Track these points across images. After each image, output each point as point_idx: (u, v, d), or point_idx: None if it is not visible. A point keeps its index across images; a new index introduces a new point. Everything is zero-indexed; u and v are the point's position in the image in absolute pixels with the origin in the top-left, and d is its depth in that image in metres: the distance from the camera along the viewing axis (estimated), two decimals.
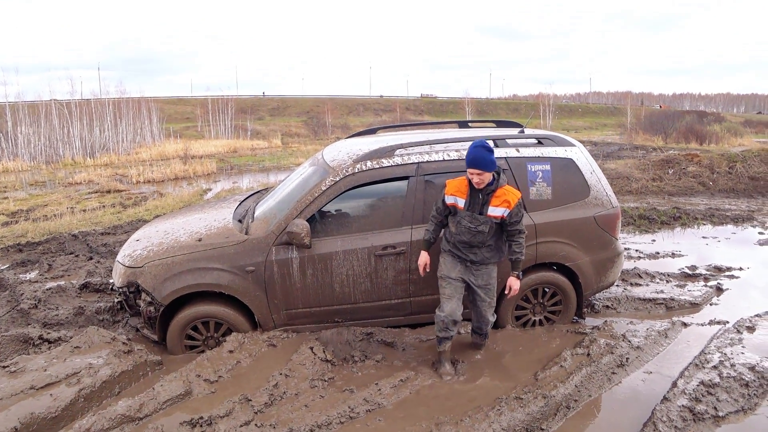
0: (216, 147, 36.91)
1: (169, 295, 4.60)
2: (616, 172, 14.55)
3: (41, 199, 16.77)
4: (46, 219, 12.44)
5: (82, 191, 18.26)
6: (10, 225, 12.22)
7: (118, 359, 4.38)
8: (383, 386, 4.10)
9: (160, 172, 21.47)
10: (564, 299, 5.22)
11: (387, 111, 71.63)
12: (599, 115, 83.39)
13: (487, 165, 4.14)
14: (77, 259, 8.23)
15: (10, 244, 9.96)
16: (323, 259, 4.68)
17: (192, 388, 4.12)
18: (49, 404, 3.77)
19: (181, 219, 5.61)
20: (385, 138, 5.58)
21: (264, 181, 18.60)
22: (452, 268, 4.44)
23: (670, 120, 37.22)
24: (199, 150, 33.08)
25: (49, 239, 10.08)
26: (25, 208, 14.61)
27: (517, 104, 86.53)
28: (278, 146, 40.05)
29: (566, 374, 4.33)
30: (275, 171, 22.07)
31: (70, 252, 8.80)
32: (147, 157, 31.76)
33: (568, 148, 5.22)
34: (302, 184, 5.09)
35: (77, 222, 11.91)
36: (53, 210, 13.86)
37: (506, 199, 4.22)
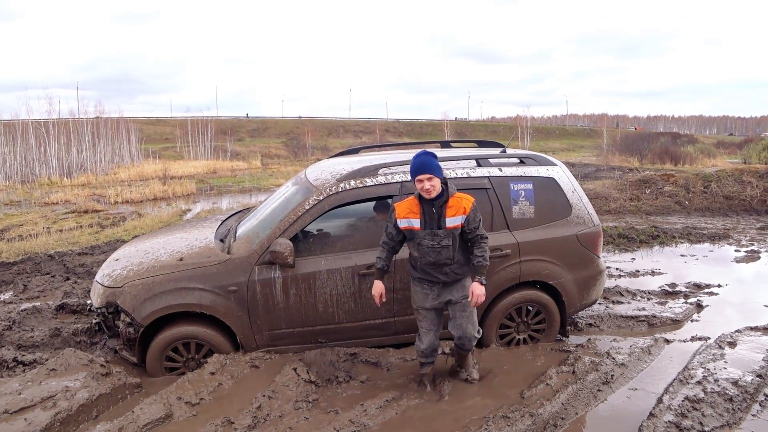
0: (195, 168, 36.70)
1: (149, 315, 4.52)
2: (595, 192, 14.71)
3: (16, 218, 16.47)
4: (22, 239, 12.22)
5: (58, 211, 17.99)
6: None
7: (96, 382, 4.27)
8: (368, 407, 4.05)
9: (139, 193, 21.26)
10: (548, 317, 5.22)
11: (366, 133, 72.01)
12: (576, 137, 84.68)
13: (435, 169, 4.01)
14: (53, 280, 8.07)
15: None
16: (306, 278, 4.64)
17: (173, 411, 4.03)
18: (23, 429, 3.66)
19: (161, 238, 5.53)
20: (369, 158, 5.59)
21: (244, 202, 18.51)
22: (424, 298, 4.27)
23: (645, 141, 37.89)
24: (178, 171, 32.86)
25: (25, 259, 9.89)
26: (0, 228, 14.34)
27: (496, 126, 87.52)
28: (258, 167, 39.93)
29: (552, 392, 4.31)
30: (255, 192, 21.97)
31: (46, 272, 8.63)
32: (125, 178, 31.44)
33: (550, 167, 5.27)
34: (285, 204, 5.05)
35: (53, 242, 11.71)
36: (29, 230, 13.61)
37: (462, 206, 4.07)
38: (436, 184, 4.04)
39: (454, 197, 4.11)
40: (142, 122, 57.07)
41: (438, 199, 4.09)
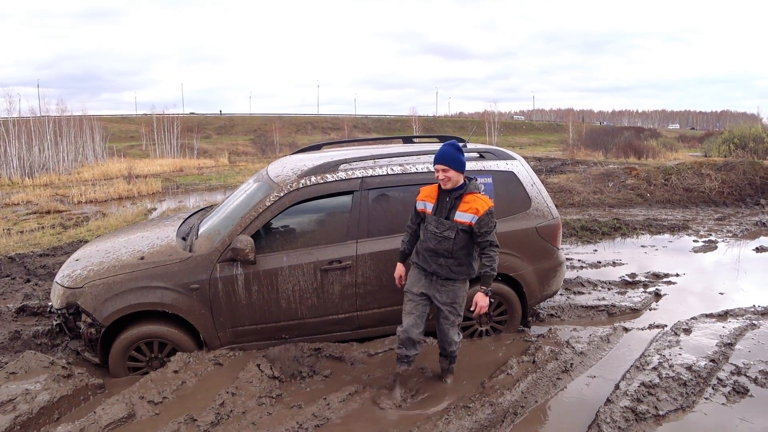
0: (161, 166, 36.21)
1: (111, 315, 4.48)
2: (559, 186, 14.94)
3: None
4: None
5: (19, 212, 17.60)
6: None
7: (57, 384, 4.23)
8: (332, 401, 4.08)
9: (103, 192, 20.91)
10: (509, 309, 5.32)
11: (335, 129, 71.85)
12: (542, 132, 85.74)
13: (454, 162, 4.03)
14: (14, 282, 7.91)
15: None
16: (269, 275, 4.65)
17: (135, 411, 4.01)
18: None
19: (122, 238, 5.48)
20: (330, 153, 5.61)
21: (211, 199, 18.34)
22: (415, 282, 4.28)
23: (609, 136, 38.55)
24: (143, 169, 32.38)
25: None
26: None
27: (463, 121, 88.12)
28: (225, 165, 39.56)
29: (512, 381, 4.41)
30: (222, 190, 21.78)
31: (6, 275, 8.45)
32: (89, 177, 30.86)
33: (509, 161, 5.35)
34: (246, 201, 5.05)
35: (14, 244, 11.47)
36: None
37: (475, 207, 4.03)
38: (452, 176, 4.06)
39: (473, 195, 4.10)
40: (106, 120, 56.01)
41: (454, 191, 4.12)
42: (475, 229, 4.05)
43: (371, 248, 4.80)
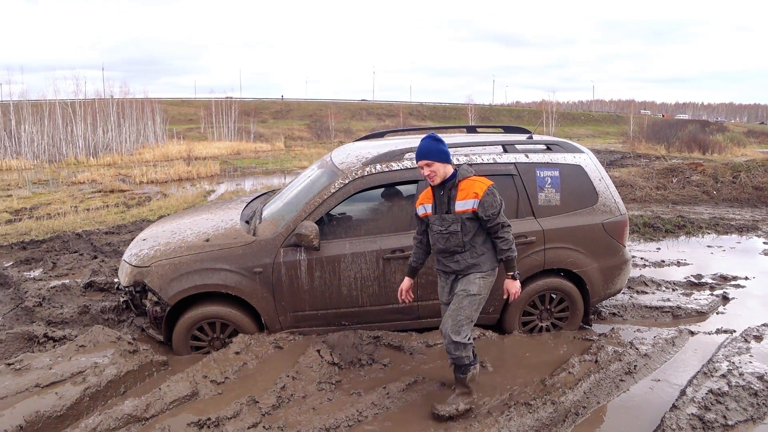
0: (219, 149, 36.95)
1: (176, 295, 4.59)
2: (620, 180, 14.54)
3: (45, 197, 16.76)
4: (50, 217, 12.43)
5: (85, 190, 18.26)
6: (13, 223, 12.21)
7: (123, 359, 4.36)
8: (391, 390, 4.08)
9: (164, 173, 21.48)
10: (571, 306, 5.20)
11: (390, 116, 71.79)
12: (601, 123, 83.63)
13: (435, 154, 3.71)
14: (81, 258, 8.21)
15: (14, 241, 9.94)
16: (331, 261, 4.67)
17: (198, 389, 4.10)
18: (54, 403, 3.75)
19: (187, 219, 5.60)
20: (394, 141, 5.58)
21: (267, 183, 18.62)
22: (441, 291, 4.07)
23: (673, 129, 37.26)
24: (202, 152, 33.11)
25: (53, 237, 10.07)
26: (29, 206, 14.60)
27: (520, 111, 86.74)
28: (281, 149, 40.09)
29: (574, 380, 4.31)
30: (278, 174, 22.08)
31: (75, 251, 8.78)
32: (150, 158, 31.76)
33: (577, 154, 5.22)
34: (310, 187, 5.07)
35: (81, 221, 11.90)
36: (57, 208, 13.84)
37: (473, 191, 3.72)
38: (437, 169, 3.75)
39: (467, 180, 3.79)
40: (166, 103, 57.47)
41: (447, 183, 3.81)
42: (480, 213, 3.72)
43: None
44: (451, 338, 3.78)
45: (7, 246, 9.59)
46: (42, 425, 3.61)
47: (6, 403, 3.75)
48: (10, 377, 4.08)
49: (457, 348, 3.78)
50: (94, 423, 3.63)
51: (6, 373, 4.16)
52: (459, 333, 3.77)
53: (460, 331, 3.78)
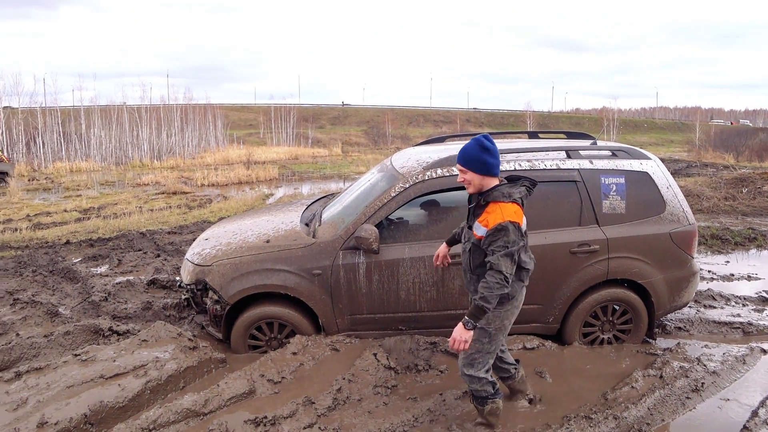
0: (277, 153, 37.65)
1: (236, 294, 4.66)
2: (686, 189, 14.02)
3: (111, 197, 17.40)
4: (116, 217, 12.89)
5: (149, 192, 18.86)
6: (82, 221, 12.72)
7: (183, 354, 4.46)
8: (447, 397, 4.02)
9: (224, 176, 21.99)
10: (635, 318, 5.02)
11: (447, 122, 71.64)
12: (665, 131, 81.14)
13: (473, 163, 3.34)
14: (145, 256, 8.47)
15: (83, 239, 10.35)
16: (390, 265, 4.65)
17: (255, 388, 4.15)
18: (117, 394, 3.87)
19: (248, 220, 5.69)
20: (455, 146, 5.52)
21: (324, 188, 18.81)
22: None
23: (742, 137, 35.81)
24: (261, 156, 33.78)
25: (119, 236, 10.43)
26: (96, 206, 15.19)
27: (580, 118, 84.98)
28: (338, 155, 40.54)
29: (638, 396, 4.15)
30: (336, 179, 22.30)
31: (139, 249, 9.06)
32: (211, 162, 32.59)
33: (644, 161, 5.05)
34: (370, 190, 5.08)
35: (145, 221, 12.29)
36: (122, 208, 14.34)
37: (488, 219, 3.30)
38: (472, 179, 3.39)
39: (495, 204, 3.32)
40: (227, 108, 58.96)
41: (480, 197, 3.42)
42: (483, 244, 3.35)
43: None
44: (462, 371, 3.58)
45: (76, 243, 9.99)
46: (105, 415, 3.73)
47: (72, 392, 3.89)
48: (76, 367, 4.24)
49: (471, 381, 3.58)
50: (155, 415, 3.71)
51: (73, 363, 4.33)
52: (471, 366, 3.55)
53: (472, 364, 3.55)
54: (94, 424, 3.66)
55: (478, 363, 3.54)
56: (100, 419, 3.70)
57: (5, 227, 12.26)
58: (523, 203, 3.44)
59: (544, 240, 4.73)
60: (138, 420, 3.68)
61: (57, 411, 3.65)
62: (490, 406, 3.65)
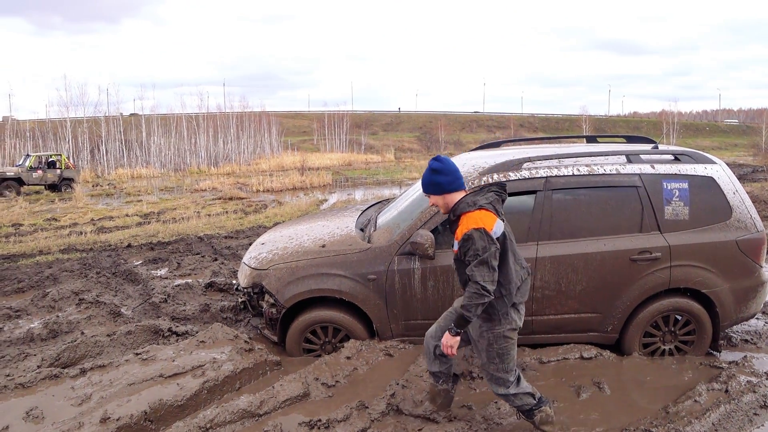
0: (331, 160, 38.04)
1: (292, 298, 4.71)
2: (752, 195, 13.45)
3: (170, 203, 17.91)
4: (175, 221, 13.26)
5: (206, 197, 19.34)
6: (143, 225, 13.14)
7: (240, 356, 4.54)
8: (503, 406, 3.95)
9: (279, 182, 22.38)
10: (698, 329, 4.84)
11: (500, 128, 70.98)
12: (729, 134, 78.32)
13: (429, 188, 3.45)
14: (203, 260, 8.67)
15: (143, 242, 10.70)
16: (445, 271, 4.61)
17: (310, 391, 4.18)
18: (175, 392, 3.97)
19: (304, 225, 5.75)
20: (511, 151, 5.46)
21: (378, 194, 18.89)
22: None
23: None
24: (315, 162, 34.19)
25: (178, 240, 10.73)
26: (156, 211, 15.67)
27: (638, 122, 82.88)
28: (391, 161, 40.68)
29: (701, 410, 3.98)
30: (389, 185, 22.36)
31: (197, 252, 9.29)
32: (266, 168, 33.20)
33: (709, 165, 4.87)
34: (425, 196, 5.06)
35: (202, 225, 12.59)
36: (181, 213, 14.74)
37: (460, 230, 3.30)
38: (436, 201, 3.48)
39: (465, 216, 3.32)
40: (281, 116, 59.96)
41: (452, 214, 3.46)
42: (460, 258, 3.37)
43: (552, 251, 4.60)
44: (495, 392, 3.59)
45: (137, 246, 10.32)
46: (164, 413, 3.82)
47: (133, 390, 4.02)
48: (137, 366, 4.37)
49: (507, 399, 3.59)
50: (212, 415, 3.78)
51: (134, 362, 4.46)
52: (498, 386, 3.55)
53: (498, 384, 3.54)
54: (153, 421, 3.76)
55: (501, 381, 3.53)
56: (159, 417, 3.80)
57: (71, 230, 12.80)
58: (496, 209, 3.42)
59: (603, 247, 4.62)
60: (195, 419, 3.76)
61: (119, 407, 3.77)
62: (539, 416, 3.59)
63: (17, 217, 16.16)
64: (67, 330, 5.79)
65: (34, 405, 3.86)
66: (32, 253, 10.37)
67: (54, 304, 6.67)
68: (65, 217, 15.66)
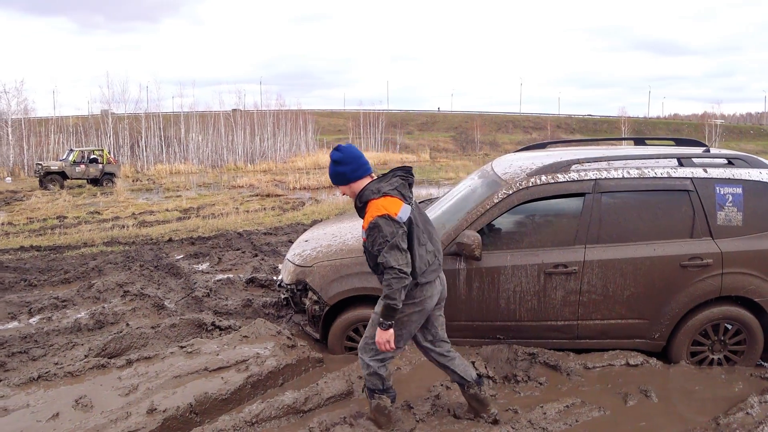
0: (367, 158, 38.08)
1: (336, 296, 4.72)
2: None
3: (209, 198, 18.17)
4: (214, 217, 13.45)
5: (244, 194, 19.56)
6: (183, 220, 13.36)
7: (282, 352, 4.57)
8: (549, 411, 3.90)
9: (315, 180, 22.53)
10: (749, 339, 4.70)
11: (537, 129, 70.26)
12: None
13: (334, 178, 3.51)
14: (243, 255, 8.77)
15: (184, 237, 10.87)
16: (490, 272, 4.57)
17: (354, 389, 4.18)
18: (220, 386, 4.01)
19: (347, 223, 5.76)
20: (558, 153, 5.39)
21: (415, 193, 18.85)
22: None
23: None
24: None
25: (218, 235, 10.88)
26: (195, 206, 15.91)
27: (679, 124, 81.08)
28: (426, 160, 40.65)
29: (754, 423, 3.86)
30: (426, 184, 22.31)
31: (237, 248, 9.40)
32: (302, 166, 33.46)
33: (764, 170, 4.72)
34: (471, 196, 5.02)
35: (241, 221, 12.75)
36: (220, 209, 14.94)
37: (366, 219, 3.34)
38: (345, 191, 3.53)
39: (370, 203, 3.35)
40: (317, 114, 60.31)
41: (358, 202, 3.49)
42: (368, 247, 3.38)
43: (601, 255, 4.52)
44: (359, 354, 3.67)
45: (178, 240, 10.50)
46: (209, 406, 3.87)
47: (179, 382, 4.08)
48: (182, 359, 4.44)
49: (362, 366, 3.64)
50: (258, 410, 3.81)
51: (179, 354, 4.53)
52: (365, 352, 3.61)
53: (366, 350, 3.61)
54: (198, 413, 3.81)
55: (368, 349, 3.60)
56: (204, 410, 3.84)
57: (114, 224, 13.09)
58: (402, 193, 3.41)
59: (652, 252, 4.52)
60: (241, 413, 3.79)
61: (164, 399, 3.83)
62: (376, 402, 3.65)
63: (62, 209, 16.60)
64: (113, 321, 5.90)
65: (83, 393, 3.93)
66: (77, 244, 10.64)
67: (99, 295, 6.81)
68: (107, 210, 16.02)
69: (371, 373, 3.60)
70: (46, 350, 5.16)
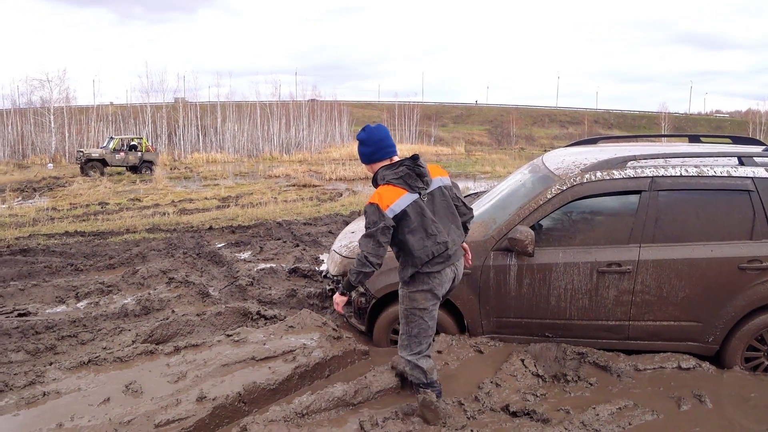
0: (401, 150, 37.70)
1: (383, 289, 4.69)
2: None
3: (246, 187, 18.32)
4: (253, 206, 13.55)
5: (281, 183, 19.68)
6: (222, 209, 13.49)
7: (329, 343, 4.57)
8: (601, 412, 3.82)
9: (351, 171, 22.52)
10: None
11: (574, 123, 69.24)
12: None
13: (360, 156, 3.73)
14: (284, 245, 8.82)
15: (224, 225, 10.98)
16: (542, 269, 4.50)
17: (402, 383, 4.15)
18: (268, 376, 4.04)
19: None
20: (612, 149, 5.27)
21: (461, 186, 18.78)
22: None
23: None
24: None
25: (257, 224, 10.96)
26: (234, 195, 16.04)
27: (720, 121, 79.10)
28: (461, 153, 40.36)
29: None
30: (461, 178, 22.15)
31: (278, 238, 9.46)
32: (337, 157, 33.52)
33: None
34: (522, 191, 4.94)
35: (280, 211, 12.82)
36: (258, 198, 15.06)
37: None
38: (369, 170, 3.76)
39: (377, 189, 3.61)
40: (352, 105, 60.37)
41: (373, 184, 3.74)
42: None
43: (656, 255, 4.41)
44: (399, 353, 3.84)
45: (218, 229, 10.61)
46: (257, 395, 3.90)
47: (227, 370, 4.11)
48: (229, 347, 4.47)
49: (405, 363, 3.82)
50: (308, 401, 3.81)
51: (226, 343, 4.57)
52: (403, 349, 3.79)
53: (403, 347, 3.79)
54: (247, 402, 3.84)
55: (404, 346, 3.76)
56: (252, 399, 3.87)
57: (154, 211, 13.28)
58: (408, 183, 3.51)
59: (710, 253, 4.39)
60: (292, 404, 3.78)
61: (213, 387, 3.86)
62: (422, 397, 3.68)
63: (103, 196, 16.94)
64: (159, 308, 5.99)
65: (133, 379, 3.99)
66: (120, 231, 10.82)
67: (143, 281, 6.92)
68: (147, 197, 16.29)
69: (412, 367, 3.74)
70: (95, 335, 5.25)
